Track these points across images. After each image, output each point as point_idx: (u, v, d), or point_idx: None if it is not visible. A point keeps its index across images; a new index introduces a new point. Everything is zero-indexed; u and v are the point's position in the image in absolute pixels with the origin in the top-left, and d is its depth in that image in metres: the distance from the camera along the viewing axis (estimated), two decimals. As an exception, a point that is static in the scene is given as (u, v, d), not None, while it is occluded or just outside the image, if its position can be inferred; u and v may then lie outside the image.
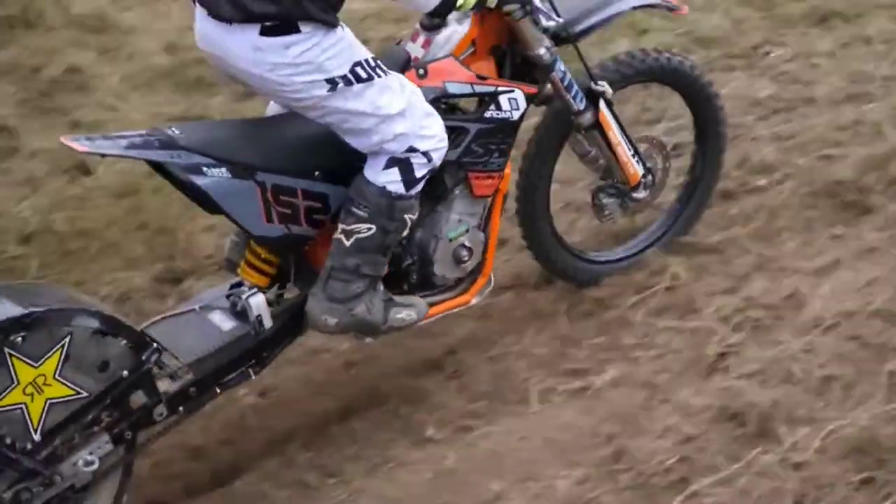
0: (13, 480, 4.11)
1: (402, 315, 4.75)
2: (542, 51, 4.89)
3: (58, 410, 4.11)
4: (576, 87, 5.12)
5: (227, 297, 4.64)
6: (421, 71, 4.68)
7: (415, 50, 4.76)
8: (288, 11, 4.20)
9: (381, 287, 4.68)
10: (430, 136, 4.51)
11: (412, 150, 4.48)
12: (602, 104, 5.21)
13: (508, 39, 4.89)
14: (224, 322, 4.58)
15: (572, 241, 5.66)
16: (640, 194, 5.50)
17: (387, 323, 4.70)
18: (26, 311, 4.00)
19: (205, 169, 4.28)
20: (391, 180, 4.49)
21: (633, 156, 5.39)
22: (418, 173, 4.52)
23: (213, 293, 4.73)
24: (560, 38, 5.00)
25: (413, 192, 4.54)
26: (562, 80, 5.05)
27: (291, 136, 4.49)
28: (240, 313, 4.57)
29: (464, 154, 4.78)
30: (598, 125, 5.25)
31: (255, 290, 4.57)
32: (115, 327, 4.17)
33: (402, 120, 4.44)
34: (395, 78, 4.47)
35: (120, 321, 4.21)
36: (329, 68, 4.31)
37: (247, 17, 4.23)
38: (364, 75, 4.35)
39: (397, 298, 4.75)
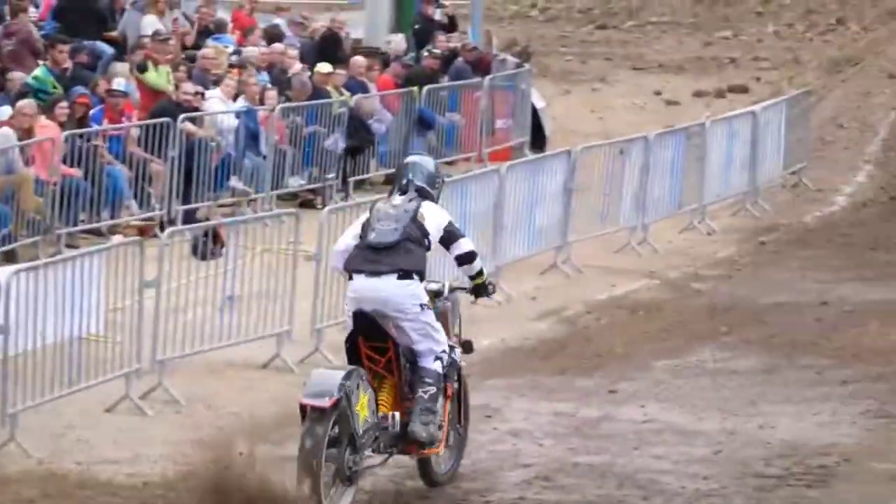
0: (354, 451, 9.46)
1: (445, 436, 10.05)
2: (454, 339, 10.20)
3: (366, 424, 9.56)
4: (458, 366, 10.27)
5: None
6: None
7: None
8: (415, 269, 9.60)
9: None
10: (447, 343, 9.87)
11: (444, 350, 9.72)
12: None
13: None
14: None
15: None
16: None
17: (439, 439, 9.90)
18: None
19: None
20: (437, 367, 9.66)
21: None
22: (447, 362, 9.73)
23: None
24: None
25: (446, 372, 9.75)
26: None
27: None
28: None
29: (447, 373, 10.00)
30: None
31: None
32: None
33: (441, 334, 9.72)
34: None
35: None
36: (420, 298, 9.54)
37: (392, 271, 9.49)
38: (429, 305, 9.61)
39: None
